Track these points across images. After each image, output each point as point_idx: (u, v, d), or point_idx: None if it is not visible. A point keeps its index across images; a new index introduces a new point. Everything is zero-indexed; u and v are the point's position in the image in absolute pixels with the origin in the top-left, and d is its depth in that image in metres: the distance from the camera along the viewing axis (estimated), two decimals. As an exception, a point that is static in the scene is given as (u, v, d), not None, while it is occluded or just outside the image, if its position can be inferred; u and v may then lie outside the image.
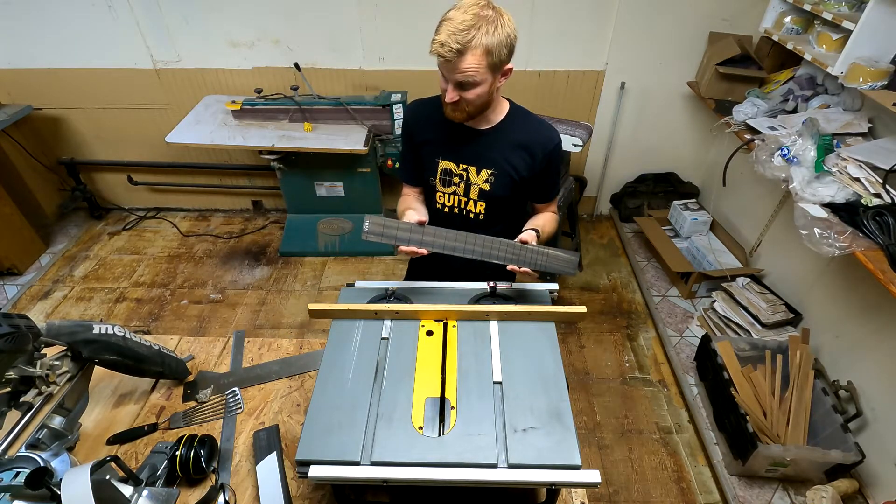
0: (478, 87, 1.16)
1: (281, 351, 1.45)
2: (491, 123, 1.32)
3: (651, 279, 3.00)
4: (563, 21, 2.74)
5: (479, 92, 1.17)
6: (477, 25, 1.07)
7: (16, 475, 0.88)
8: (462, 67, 1.11)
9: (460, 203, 1.39)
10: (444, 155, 1.35)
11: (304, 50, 2.86)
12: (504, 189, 1.34)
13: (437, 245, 1.17)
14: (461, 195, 1.38)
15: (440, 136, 1.34)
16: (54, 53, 2.89)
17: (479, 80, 1.14)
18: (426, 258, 1.61)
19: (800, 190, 1.94)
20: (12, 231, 2.97)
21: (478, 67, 1.12)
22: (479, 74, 1.13)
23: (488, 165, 1.32)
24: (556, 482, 0.87)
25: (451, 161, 1.34)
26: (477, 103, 1.21)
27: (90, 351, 1.09)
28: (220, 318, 2.79)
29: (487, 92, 1.19)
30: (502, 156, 1.32)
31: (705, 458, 2.13)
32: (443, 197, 1.40)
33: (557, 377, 1.02)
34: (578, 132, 2.39)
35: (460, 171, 1.34)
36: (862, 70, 1.90)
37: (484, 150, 1.32)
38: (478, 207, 1.38)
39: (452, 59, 1.10)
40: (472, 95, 1.17)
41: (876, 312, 1.97)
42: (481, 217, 1.40)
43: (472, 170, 1.33)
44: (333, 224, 3.23)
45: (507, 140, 1.32)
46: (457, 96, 1.17)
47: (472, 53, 1.09)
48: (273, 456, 1.13)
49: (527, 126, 1.33)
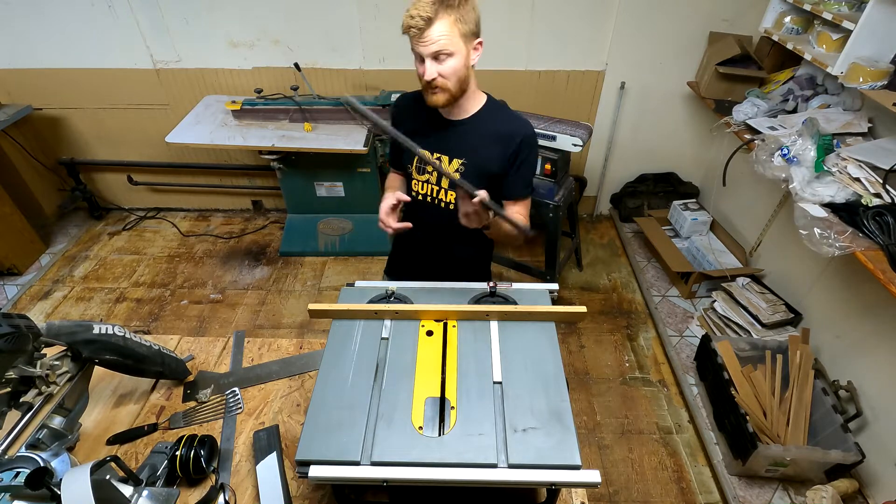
0: (452, 57, 1.19)
1: (281, 351, 1.45)
2: (466, 114, 1.35)
3: (651, 279, 3.00)
4: (563, 21, 2.74)
5: (455, 65, 1.20)
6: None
7: (16, 475, 0.88)
8: (434, 37, 1.15)
9: (433, 191, 1.42)
10: (420, 143, 1.37)
11: (304, 50, 2.86)
12: (473, 179, 1.34)
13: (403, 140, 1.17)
14: (434, 183, 1.41)
15: (418, 125, 1.38)
16: (54, 53, 2.90)
17: (452, 49, 1.17)
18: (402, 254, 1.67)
19: (800, 190, 1.94)
20: (12, 231, 2.97)
21: (450, 35, 1.16)
22: (452, 44, 1.17)
23: (460, 155, 1.35)
24: (556, 482, 0.87)
25: (426, 149, 1.37)
26: (455, 78, 1.22)
27: (90, 351, 1.09)
28: (220, 318, 2.79)
29: (463, 65, 1.22)
30: (474, 147, 1.34)
31: (705, 458, 2.13)
32: (417, 184, 1.44)
33: (557, 377, 1.02)
34: (578, 132, 2.39)
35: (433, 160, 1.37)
36: (862, 70, 1.90)
37: (457, 140, 1.36)
38: (448, 196, 1.41)
39: (424, 30, 1.14)
40: (448, 69, 1.20)
41: (876, 312, 1.97)
42: (451, 206, 1.42)
43: (444, 159, 1.37)
44: (333, 224, 3.23)
45: (480, 131, 1.34)
46: (434, 72, 1.20)
47: (441, 22, 1.14)
48: (273, 456, 1.13)
49: (501, 118, 1.36)
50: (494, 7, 2.70)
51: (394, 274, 1.73)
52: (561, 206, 2.58)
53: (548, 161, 2.50)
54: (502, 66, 2.90)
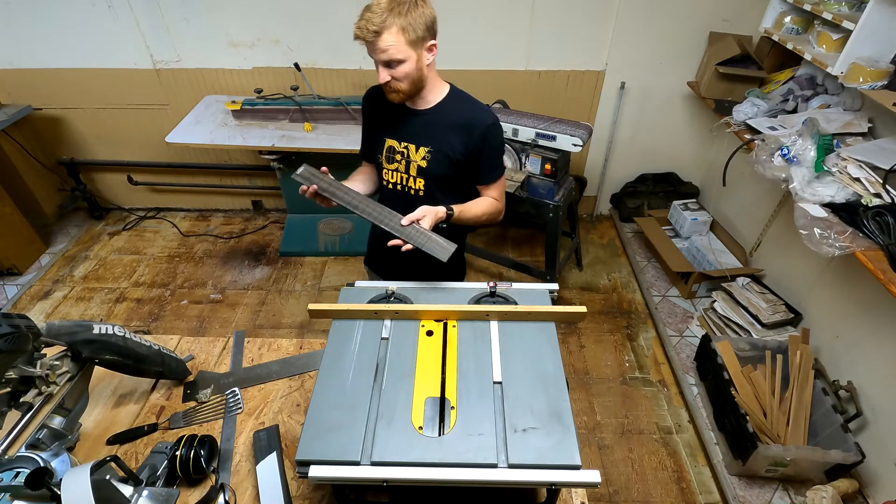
0: (403, 63, 1.25)
1: (281, 351, 1.45)
2: (429, 104, 1.40)
3: (651, 279, 3.00)
4: (563, 21, 2.74)
5: (406, 70, 1.26)
6: (390, 8, 1.20)
7: (16, 475, 0.88)
8: (382, 47, 1.21)
9: (402, 179, 1.48)
10: (389, 134, 1.46)
11: (304, 50, 2.86)
12: (440, 166, 1.42)
13: (346, 201, 1.32)
14: (402, 172, 1.46)
15: (386, 117, 1.45)
16: (54, 53, 2.89)
17: (401, 57, 1.24)
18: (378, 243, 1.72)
19: (800, 190, 1.94)
20: (12, 231, 2.98)
21: (396, 44, 1.22)
22: (401, 52, 1.23)
23: (425, 143, 1.41)
24: (556, 482, 0.87)
25: (394, 139, 1.44)
26: (408, 81, 1.29)
27: (90, 351, 1.09)
28: (220, 318, 2.79)
29: (415, 68, 1.28)
30: (439, 134, 1.39)
31: (705, 458, 2.13)
32: (388, 173, 1.49)
33: (557, 377, 1.02)
34: (578, 132, 2.39)
35: (402, 149, 1.44)
36: (862, 70, 1.90)
37: (422, 128, 1.41)
38: (417, 184, 1.46)
39: (372, 41, 1.21)
40: (400, 73, 1.27)
41: (876, 312, 1.97)
42: (421, 193, 1.47)
43: (411, 147, 1.42)
44: (333, 224, 3.23)
45: (444, 120, 1.40)
46: (387, 76, 1.27)
47: (388, 32, 1.20)
48: (273, 456, 1.13)
49: (463, 107, 1.41)
50: (495, 7, 2.69)
51: (372, 263, 1.81)
52: (561, 206, 2.58)
53: (548, 161, 2.50)
54: (502, 66, 2.90)
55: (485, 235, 3.40)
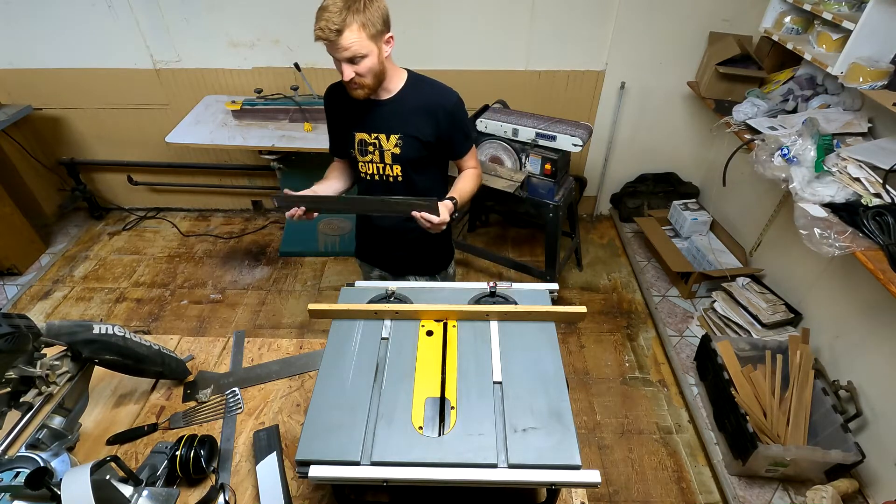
0: (366, 58, 1.29)
1: (281, 351, 1.45)
2: (391, 93, 1.44)
3: (651, 279, 3.00)
4: (563, 21, 2.74)
5: (370, 64, 1.30)
6: (347, 6, 1.22)
7: (16, 475, 0.88)
8: (345, 45, 1.24)
9: (379, 169, 1.52)
10: (357, 128, 1.48)
11: (304, 50, 2.86)
12: (413, 150, 1.47)
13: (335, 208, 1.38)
14: (378, 162, 1.50)
15: (351, 112, 1.47)
16: (54, 53, 2.89)
17: (364, 52, 1.27)
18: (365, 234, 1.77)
19: (800, 190, 1.94)
20: (12, 231, 2.98)
21: (359, 41, 1.25)
22: (363, 47, 1.26)
23: (395, 131, 1.45)
24: (556, 482, 0.87)
25: (364, 132, 1.47)
26: (371, 75, 1.33)
27: (90, 351, 1.09)
28: (220, 318, 2.79)
29: (377, 62, 1.32)
30: (406, 120, 1.44)
31: (705, 458, 2.13)
32: (364, 165, 1.53)
33: (557, 377, 1.02)
34: (578, 132, 2.39)
35: (373, 140, 1.47)
36: (862, 70, 1.90)
37: (389, 117, 1.45)
38: (394, 171, 1.51)
39: (335, 40, 1.23)
40: (364, 68, 1.30)
41: (876, 312, 1.97)
42: (399, 179, 1.52)
43: (381, 137, 1.46)
44: (333, 224, 3.23)
45: (408, 106, 1.44)
46: (352, 72, 1.30)
47: (349, 30, 1.23)
48: (273, 456, 1.13)
49: (424, 90, 1.46)
50: (495, 7, 2.69)
51: (362, 255, 1.84)
52: (561, 206, 2.58)
53: (548, 161, 2.50)
54: (502, 66, 2.90)
55: (485, 235, 3.40)
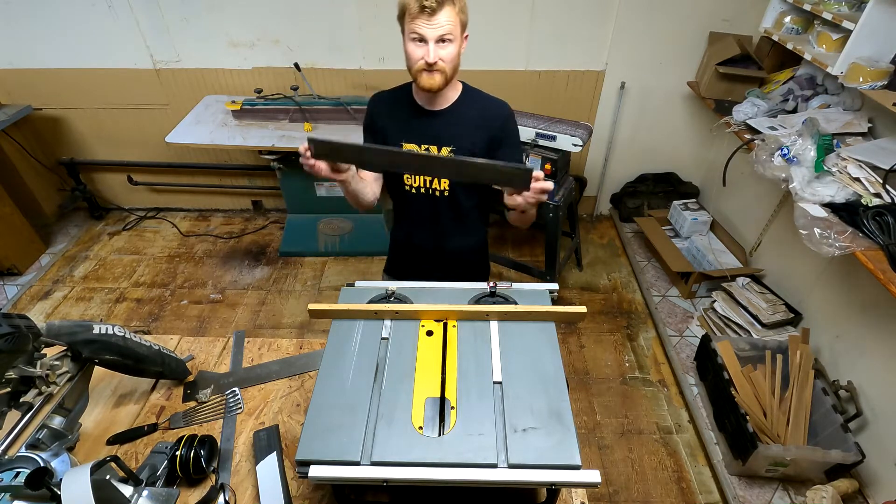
0: (451, 45, 1.24)
1: (281, 351, 1.45)
2: (448, 103, 1.39)
3: (651, 279, 3.00)
4: (563, 21, 2.74)
5: (453, 53, 1.25)
6: None
7: (16, 475, 0.88)
8: (441, 21, 1.19)
9: (426, 182, 1.45)
10: (407, 138, 1.42)
11: (304, 50, 2.86)
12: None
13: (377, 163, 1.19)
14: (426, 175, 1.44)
15: (401, 121, 1.42)
16: (54, 53, 2.89)
17: (453, 37, 1.23)
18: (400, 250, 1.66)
19: (800, 190, 1.94)
20: (12, 231, 2.97)
21: (453, 23, 1.21)
22: (454, 31, 1.22)
23: (448, 143, 1.38)
24: (556, 482, 0.87)
25: (414, 143, 1.41)
26: (451, 65, 1.27)
27: (90, 351, 1.09)
28: (220, 318, 2.79)
29: (458, 53, 1.27)
30: (461, 132, 1.38)
31: (705, 458, 2.13)
32: (410, 178, 1.46)
33: (557, 377, 1.02)
34: (578, 132, 2.39)
35: (423, 151, 1.41)
36: (862, 70, 1.90)
37: (443, 128, 1.40)
38: (442, 185, 1.44)
39: (435, 12, 1.17)
40: (448, 54, 1.24)
41: (876, 312, 1.97)
42: (446, 194, 1.45)
43: (433, 149, 1.40)
44: (333, 224, 3.23)
45: (463, 118, 1.39)
46: (437, 55, 1.23)
47: (449, 6, 1.19)
48: (273, 456, 1.13)
49: (480, 103, 1.42)
50: (495, 7, 2.69)
51: (394, 272, 1.73)
52: (561, 206, 2.58)
53: (548, 161, 2.50)
54: (502, 66, 2.90)
55: (485, 235, 3.39)
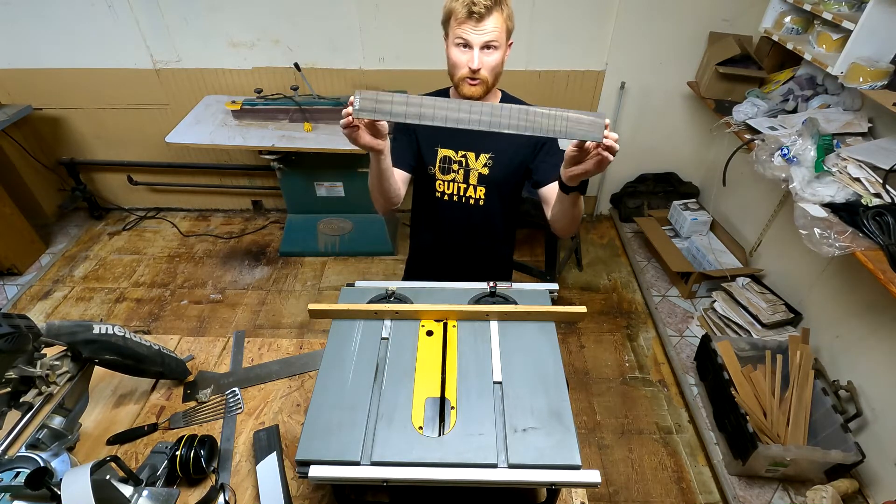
0: (496, 52, 1.20)
1: (281, 351, 1.45)
2: None
3: (651, 279, 3.00)
4: (563, 21, 2.74)
5: (497, 60, 1.22)
6: None
7: (16, 475, 0.88)
8: (489, 27, 1.16)
9: (460, 190, 1.41)
10: (443, 143, 1.38)
11: (304, 50, 2.86)
12: (502, 172, 1.37)
13: (439, 117, 1.02)
14: (460, 182, 1.40)
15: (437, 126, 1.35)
16: (54, 53, 2.89)
17: (499, 44, 1.19)
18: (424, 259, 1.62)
19: (800, 190, 1.94)
20: (12, 231, 2.97)
21: (501, 29, 1.17)
22: (500, 38, 1.18)
23: (486, 150, 1.35)
24: (556, 482, 0.87)
25: (451, 148, 1.38)
26: (493, 74, 1.24)
27: (90, 351, 1.09)
28: (220, 318, 2.79)
29: (501, 61, 1.23)
30: (498, 140, 1.34)
31: (705, 458, 2.13)
32: (442, 185, 1.42)
33: (557, 377, 1.02)
34: (578, 132, 2.39)
35: (459, 158, 1.37)
36: (862, 70, 1.90)
37: (481, 134, 1.31)
38: (477, 193, 1.41)
39: (483, 17, 1.14)
40: (491, 61, 1.21)
41: (876, 312, 1.97)
42: (481, 202, 1.41)
43: (470, 155, 1.36)
44: (333, 224, 3.23)
45: None
46: (481, 62, 1.20)
47: (497, 13, 1.15)
48: (273, 456, 1.13)
49: None
50: (494, 7, 2.69)
51: (416, 276, 1.67)
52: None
53: (548, 161, 2.50)
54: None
55: (485, 235, 3.39)
